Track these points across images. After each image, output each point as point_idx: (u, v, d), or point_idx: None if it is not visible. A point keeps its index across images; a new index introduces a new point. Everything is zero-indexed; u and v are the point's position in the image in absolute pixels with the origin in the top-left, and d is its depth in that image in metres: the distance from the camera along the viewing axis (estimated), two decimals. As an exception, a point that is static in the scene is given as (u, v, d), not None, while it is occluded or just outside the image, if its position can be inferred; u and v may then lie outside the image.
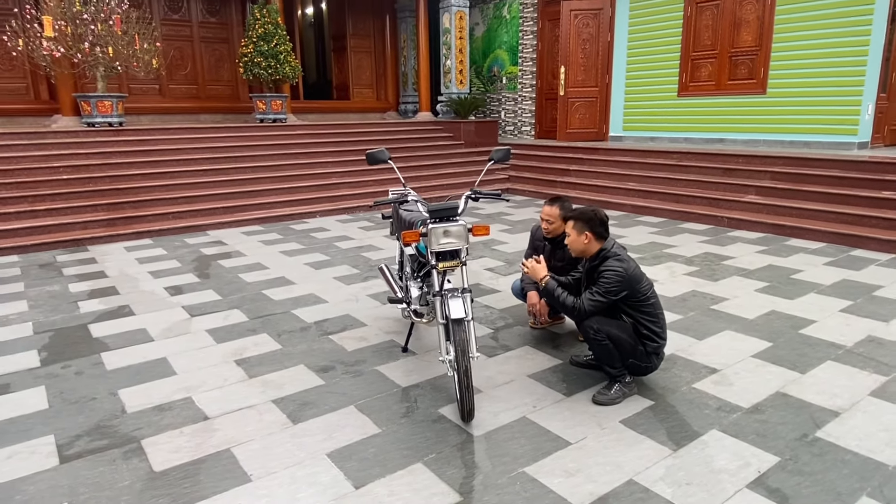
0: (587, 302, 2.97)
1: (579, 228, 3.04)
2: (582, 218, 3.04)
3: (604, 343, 2.95)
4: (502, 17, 12.49)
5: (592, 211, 3.06)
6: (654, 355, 3.06)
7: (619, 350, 2.97)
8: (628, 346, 2.97)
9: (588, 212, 3.06)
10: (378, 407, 3.00)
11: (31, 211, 6.77)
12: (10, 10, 9.05)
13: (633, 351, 2.99)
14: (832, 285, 4.86)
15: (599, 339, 2.95)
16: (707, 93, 9.48)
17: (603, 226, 3.03)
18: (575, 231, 3.06)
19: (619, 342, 2.95)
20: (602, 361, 3.07)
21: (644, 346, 3.01)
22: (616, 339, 2.95)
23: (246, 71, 10.00)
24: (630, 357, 3.01)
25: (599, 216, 3.03)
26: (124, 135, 8.47)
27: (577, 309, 3.00)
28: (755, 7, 8.70)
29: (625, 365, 3.04)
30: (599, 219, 3.02)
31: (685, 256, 5.83)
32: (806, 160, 7.50)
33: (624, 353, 2.98)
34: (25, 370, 3.46)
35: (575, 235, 3.06)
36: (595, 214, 3.03)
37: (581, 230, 3.03)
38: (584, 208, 3.15)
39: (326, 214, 8.30)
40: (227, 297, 4.76)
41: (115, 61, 8.48)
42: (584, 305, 2.98)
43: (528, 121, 12.41)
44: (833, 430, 2.74)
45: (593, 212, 3.06)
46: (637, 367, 3.06)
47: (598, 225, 3.01)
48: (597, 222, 3.01)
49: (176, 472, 2.47)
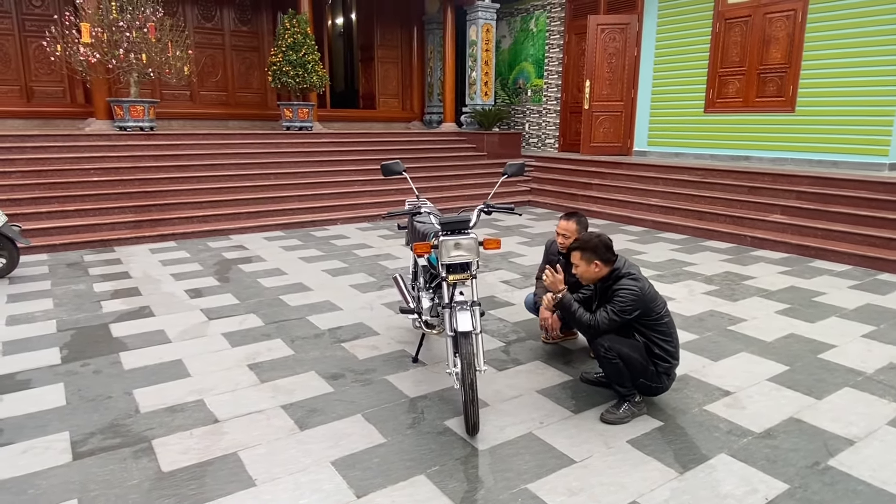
0: (602, 320, 2.95)
1: (588, 259, 3.01)
2: (587, 248, 3.00)
3: (614, 362, 2.93)
4: (529, 30, 12.54)
5: (596, 237, 3.03)
6: (666, 375, 3.03)
7: (629, 369, 2.94)
8: (639, 365, 2.95)
9: (593, 240, 3.03)
10: (385, 417, 3.02)
11: (61, 211, 6.97)
12: (50, 17, 9.37)
13: (644, 371, 2.96)
14: (855, 309, 4.75)
15: (610, 358, 2.93)
16: (734, 110, 9.36)
17: (609, 251, 3.00)
18: (584, 262, 3.03)
19: (630, 361, 2.93)
20: (612, 380, 3.05)
21: (655, 365, 2.98)
22: (627, 359, 2.92)
23: (274, 79, 10.18)
24: (640, 377, 2.98)
25: (604, 242, 3.01)
26: (154, 139, 8.69)
27: (592, 326, 2.98)
28: (785, 24, 8.60)
29: (635, 385, 3.01)
30: (604, 244, 3.00)
31: (705, 275, 5.75)
32: (834, 180, 7.35)
33: (634, 373, 2.96)
34: (46, 367, 3.56)
35: (584, 266, 3.03)
36: (599, 241, 3.00)
37: (590, 260, 3.01)
38: (586, 236, 3.11)
39: (347, 222, 8.39)
40: (244, 301, 4.84)
41: (149, 67, 8.72)
42: (600, 323, 2.95)
43: (552, 133, 12.40)
44: (846, 458, 2.67)
45: (597, 238, 3.03)
46: (647, 387, 3.03)
47: (605, 251, 2.99)
48: (602, 249, 2.99)
49: (183, 474, 2.52)
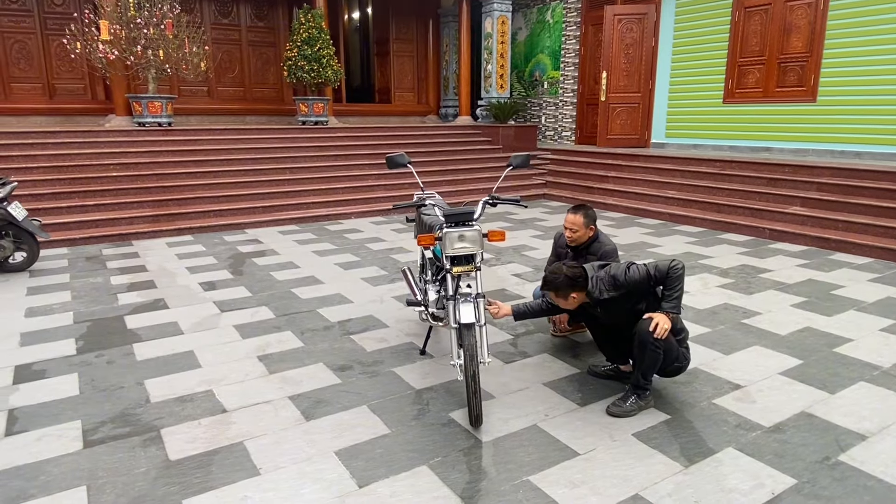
0: (642, 263, 2.93)
1: (564, 294, 2.96)
2: (562, 285, 2.95)
3: (658, 351, 2.85)
4: (545, 21, 12.43)
5: (559, 275, 2.97)
6: (685, 349, 3.03)
7: (666, 357, 2.90)
8: (675, 349, 2.93)
9: (557, 278, 2.97)
10: (390, 408, 3.03)
11: (81, 206, 7.10)
12: (70, 15, 9.53)
13: (676, 354, 2.95)
14: (875, 303, 4.64)
15: (657, 347, 2.84)
16: (754, 100, 9.19)
17: (573, 280, 2.95)
18: (561, 299, 3.00)
19: (669, 348, 2.89)
20: (648, 370, 2.94)
21: (679, 343, 2.97)
22: (668, 347, 2.88)
23: (290, 74, 10.25)
24: (674, 361, 2.96)
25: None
26: (172, 134, 8.81)
27: (657, 265, 2.89)
28: (806, 12, 8.40)
29: (666, 372, 3.00)
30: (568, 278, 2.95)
31: (721, 268, 5.67)
32: (856, 171, 7.18)
33: (669, 359, 2.93)
34: (62, 357, 3.63)
35: (563, 303, 3.02)
36: (564, 275, 2.95)
37: (566, 294, 2.96)
38: (551, 276, 3.03)
39: (361, 216, 8.42)
40: (256, 294, 4.89)
41: (166, 64, 8.82)
42: (646, 264, 2.92)
43: (568, 126, 12.30)
44: (858, 454, 2.62)
45: (562, 275, 2.97)
46: (678, 368, 3.03)
47: (569, 282, 2.94)
48: (565, 281, 2.94)
49: (189, 462, 2.56)
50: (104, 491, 2.37)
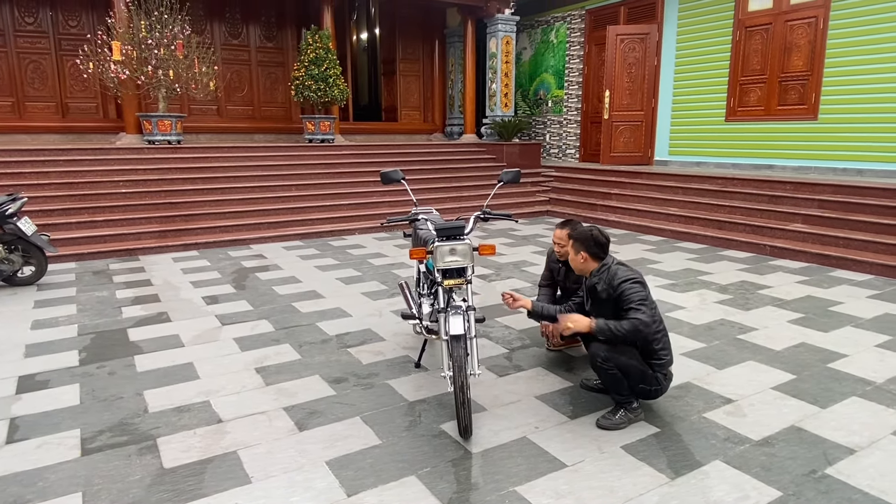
0: (641, 315, 2.82)
1: (576, 248, 3.09)
2: (578, 238, 3.09)
3: (612, 372, 2.92)
4: (549, 41, 12.60)
5: (590, 231, 3.08)
6: (663, 376, 3.02)
7: (628, 378, 2.94)
8: (637, 372, 2.94)
9: (585, 232, 3.09)
10: (382, 419, 3.07)
11: (90, 221, 7.25)
12: (83, 36, 9.79)
13: (643, 376, 2.96)
14: (872, 319, 4.64)
15: (607, 369, 2.92)
16: (756, 118, 9.25)
17: (598, 246, 3.04)
18: (573, 250, 3.11)
19: (627, 369, 2.92)
20: (610, 389, 3.04)
21: (651, 366, 2.98)
22: (625, 367, 2.91)
23: (297, 93, 10.43)
24: (640, 383, 2.97)
25: (595, 237, 3.04)
26: (181, 152, 8.98)
27: (640, 326, 2.81)
28: (807, 31, 8.48)
29: (633, 391, 3.01)
30: (594, 239, 3.04)
31: (720, 284, 5.69)
32: (857, 188, 7.20)
33: (633, 380, 2.96)
34: (65, 368, 3.71)
35: (573, 254, 3.12)
36: (591, 236, 3.05)
37: (577, 250, 3.08)
38: (583, 228, 3.18)
39: (365, 232, 8.50)
40: (258, 307, 4.97)
41: (176, 83, 9.02)
42: (643, 318, 2.81)
43: (572, 143, 12.40)
44: (845, 467, 2.63)
45: (590, 232, 3.08)
46: (647, 391, 3.02)
47: (593, 245, 3.04)
48: (591, 242, 3.04)
49: (183, 470, 2.61)
50: (99, 497, 2.42)
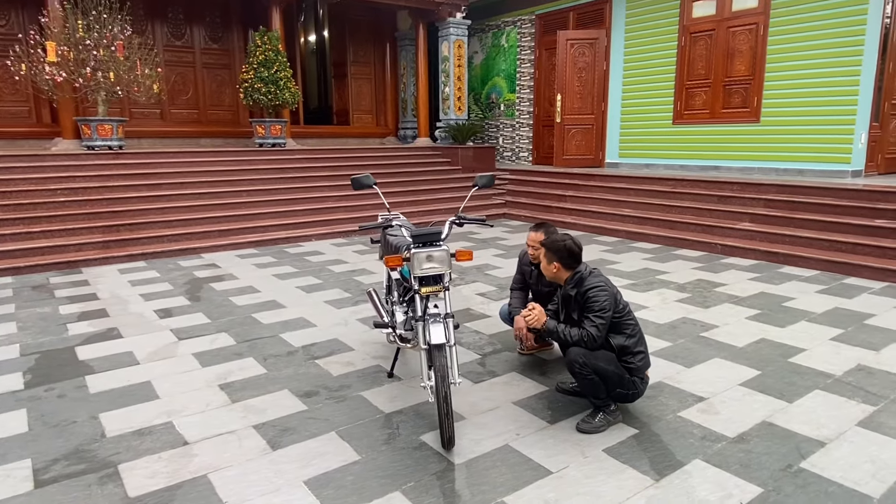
0: (592, 328, 2.90)
1: (549, 258, 3.07)
2: (552, 247, 3.07)
3: (589, 377, 2.92)
4: (500, 45, 12.69)
5: (563, 241, 3.06)
6: (640, 379, 3.04)
7: (605, 382, 2.94)
8: (615, 376, 2.94)
9: (558, 241, 3.07)
10: (359, 433, 2.97)
11: (26, 233, 6.80)
12: (14, 36, 9.21)
13: (621, 380, 2.97)
14: (824, 313, 4.84)
15: (585, 374, 2.91)
16: (702, 121, 9.57)
17: (572, 256, 3.03)
18: (545, 259, 3.10)
19: (605, 374, 2.92)
20: (588, 394, 3.04)
21: (629, 370, 2.99)
22: (603, 372, 2.91)
23: (246, 97, 10.13)
24: (617, 387, 2.98)
25: (567, 246, 3.03)
26: (123, 158, 8.55)
27: (586, 339, 2.91)
28: (748, 37, 8.84)
29: (610, 395, 3.01)
30: (567, 249, 3.03)
31: (678, 283, 5.82)
32: (800, 188, 7.53)
33: (611, 385, 2.96)
34: (8, 392, 3.44)
35: (546, 263, 3.10)
36: (564, 245, 3.04)
37: (550, 259, 3.07)
38: (557, 237, 3.15)
39: (321, 238, 8.33)
40: (216, 320, 4.75)
41: (117, 86, 8.60)
42: (592, 332, 2.89)
43: (525, 147, 12.52)
44: (818, 460, 2.70)
45: (564, 242, 3.06)
46: (624, 395, 3.03)
47: (567, 256, 3.03)
48: (564, 253, 3.02)
49: (150, 499, 2.44)
50: (58, 534, 2.23)
